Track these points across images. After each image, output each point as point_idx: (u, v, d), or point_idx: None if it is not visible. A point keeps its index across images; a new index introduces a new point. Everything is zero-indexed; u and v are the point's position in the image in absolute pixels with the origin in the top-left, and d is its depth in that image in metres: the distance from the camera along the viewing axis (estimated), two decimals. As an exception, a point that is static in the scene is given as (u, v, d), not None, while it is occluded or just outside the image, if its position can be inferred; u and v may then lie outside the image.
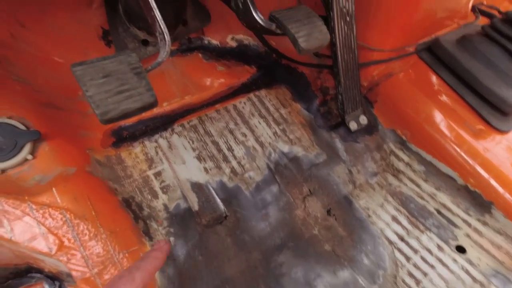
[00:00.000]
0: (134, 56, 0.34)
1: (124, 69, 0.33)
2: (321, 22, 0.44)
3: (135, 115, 0.33)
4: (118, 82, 0.32)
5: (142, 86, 0.33)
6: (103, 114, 0.30)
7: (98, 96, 0.31)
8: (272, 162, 0.59)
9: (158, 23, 0.37)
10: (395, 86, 0.66)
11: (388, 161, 0.64)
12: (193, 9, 0.65)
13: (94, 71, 0.32)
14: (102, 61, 0.33)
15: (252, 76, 0.71)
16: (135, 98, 0.32)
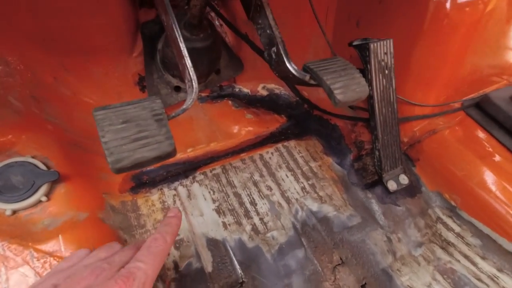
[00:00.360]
0: (159, 103, 0.33)
1: (146, 116, 0.31)
2: (359, 75, 0.41)
3: (150, 165, 0.30)
4: (136, 129, 0.30)
5: (162, 134, 0.30)
6: (115, 162, 0.28)
7: (114, 143, 0.28)
8: (298, 221, 0.53)
9: (188, 70, 0.36)
10: (440, 144, 0.59)
11: (434, 230, 0.55)
12: (227, 59, 0.67)
13: (115, 116, 0.30)
14: (125, 106, 0.31)
15: (282, 126, 0.69)
16: (152, 146, 0.29)
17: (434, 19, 0.54)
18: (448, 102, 0.62)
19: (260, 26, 0.43)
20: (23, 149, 0.45)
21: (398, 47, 0.55)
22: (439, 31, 0.55)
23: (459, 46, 0.57)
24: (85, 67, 0.56)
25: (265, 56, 0.44)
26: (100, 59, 0.57)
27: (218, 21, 0.66)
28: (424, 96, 0.60)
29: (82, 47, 0.54)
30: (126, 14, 0.53)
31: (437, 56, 0.57)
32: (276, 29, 0.41)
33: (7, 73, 0.49)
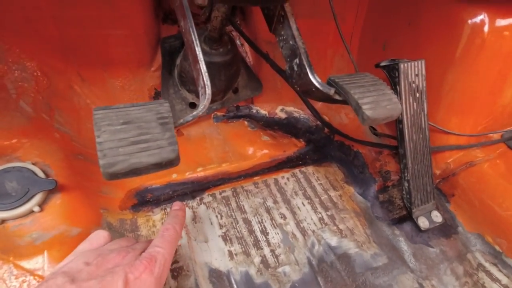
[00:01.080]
0: (167, 106, 0.29)
1: (150, 118, 0.28)
2: (391, 91, 0.37)
3: (149, 173, 0.26)
4: (137, 131, 0.26)
5: (165, 139, 0.26)
6: (108, 166, 0.24)
7: (109, 144, 0.25)
8: (315, 256, 0.46)
9: (202, 75, 0.33)
10: (479, 179, 0.52)
11: (476, 279, 0.47)
12: (246, 78, 0.65)
13: (116, 116, 0.27)
14: (129, 107, 0.28)
15: (300, 150, 0.64)
16: (152, 151, 0.26)
17: (470, 43, 0.50)
18: (486, 132, 0.56)
19: (283, 37, 0.40)
20: (25, 155, 0.42)
21: (430, 72, 0.51)
22: (475, 56, 0.51)
23: (497, 73, 0.53)
24: (101, 78, 0.55)
25: (287, 69, 0.41)
26: (117, 71, 0.56)
27: (239, 40, 0.66)
28: (459, 125, 0.55)
29: (101, 58, 0.53)
30: (148, 27, 0.53)
31: (473, 83, 0.52)
32: (299, 39, 0.38)
33: (23, 78, 0.48)
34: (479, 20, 0.49)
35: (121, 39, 0.51)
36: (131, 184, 0.51)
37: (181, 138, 0.61)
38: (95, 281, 0.26)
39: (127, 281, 0.27)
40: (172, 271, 0.41)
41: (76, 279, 0.27)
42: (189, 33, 0.35)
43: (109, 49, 0.52)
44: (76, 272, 0.27)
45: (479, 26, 0.49)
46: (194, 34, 0.34)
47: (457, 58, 0.51)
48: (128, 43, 0.52)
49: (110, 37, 0.51)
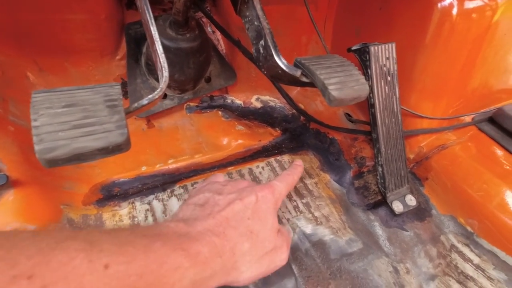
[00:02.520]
0: (117, 88, 0.27)
1: (97, 101, 0.25)
2: (358, 72, 0.36)
3: (95, 159, 0.24)
4: (81, 114, 0.24)
5: (112, 122, 0.24)
6: (45, 152, 0.22)
7: (47, 128, 0.23)
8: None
9: (159, 56, 0.31)
10: (451, 162, 0.53)
11: (449, 260, 0.47)
12: (218, 67, 0.62)
13: (58, 99, 0.25)
14: (73, 90, 0.26)
15: (275, 139, 0.63)
16: (98, 135, 0.23)
17: (440, 26, 0.50)
18: (457, 115, 0.56)
19: (248, 19, 0.39)
20: (-27, 150, 0.39)
21: (402, 56, 0.51)
22: (445, 39, 0.51)
23: (467, 56, 0.53)
24: (62, 68, 0.52)
25: (254, 52, 0.40)
26: (79, 60, 0.53)
27: (211, 27, 0.63)
28: (431, 109, 0.55)
29: (60, 45, 0.50)
30: (109, 12, 0.50)
31: (444, 66, 0.53)
32: (264, 19, 0.36)
33: (-29, 68, 0.44)
34: (448, 3, 0.49)
35: (81, 24, 0.48)
36: (97, 178, 0.48)
37: (152, 130, 0.59)
38: (235, 194, 0.35)
39: (257, 196, 0.35)
40: (139, 266, 0.39)
41: (220, 193, 0.35)
42: (144, 12, 0.32)
43: (69, 35, 0.49)
44: (218, 189, 0.36)
45: (448, 9, 0.49)
46: (148, 12, 0.32)
47: (427, 41, 0.51)
48: (88, 29, 0.49)
49: (69, 22, 0.48)
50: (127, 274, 0.20)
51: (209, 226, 0.30)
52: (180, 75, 0.52)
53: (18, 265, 0.15)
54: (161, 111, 0.59)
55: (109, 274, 0.19)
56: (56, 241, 0.18)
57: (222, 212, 0.32)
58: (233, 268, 0.30)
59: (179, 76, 0.52)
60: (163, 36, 0.48)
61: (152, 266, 0.22)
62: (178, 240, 0.26)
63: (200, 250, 0.27)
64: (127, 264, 0.20)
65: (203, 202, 0.34)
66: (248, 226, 0.32)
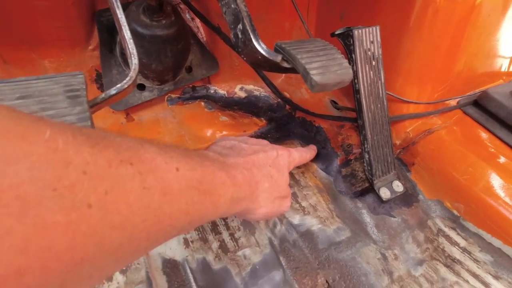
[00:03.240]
0: (80, 78, 0.25)
1: (56, 91, 0.23)
2: (341, 56, 0.34)
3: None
4: (37, 106, 0.22)
5: (73, 114, 0.22)
6: None
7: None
8: (276, 236, 0.44)
9: (127, 42, 0.29)
10: (437, 146, 0.52)
11: (436, 245, 0.47)
12: (199, 56, 0.60)
13: (12, 90, 0.22)
14: (30, 80, 0.24)
15: (261, 129, 0.61)
16: (56, 129, 0.21)
17: (424, 8, 0.49)
18: (442, 99, 0.56)
19: (225, 1, 0.37)
20: None
21: (386, 40, 0.49)
22: (429, 22, 0.50)
23: (451, 40, 0.52)
24: (29, 60, 0.48)
25: (232, 38, 0.37)
26: (48, 51, 0.49)
27: (189, 14, 0.60)
28: (417, 93, 0.54)
29: (26, 35, 0.46)
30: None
31: (428, 49, 0.52)
32: (241, 1, 0.34)
33: None
34: (432, -15, 0.48)
35: (47, 12, 0.45)
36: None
37: (131, 123, 0.56)
38: (259, 146, 0.39)
39: (277, 152, 0.39)
40: (120, 266, 0.38)
41: (246, 142, 0.39)
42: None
43: (34, 24, 0.46)
44: (243, 140, 0.40)
45: (432, -9, 0.48)
46: (114, -5, 0.29)
47: (412, 24, 0.50)
48: (55, 16, 0.46)
49: (33, 8, 0.44)
50: (191, 178, 0.24)
51: (239, 161, 0.34)
52: (158, 65, 0.50)
53: (122, 153, 0.18)
54: (141, 104, 0.56)
55: (180, 175, 0.23)
56: (138, 142, 0.21)
57: (249, 155, 0.36)
58: (255, 199, 0.34)
59: (157, 66, 0.50)
60: (137, 23, 0.45)
61: (207, 177, 0.26)
62: (220, 164, 0.31)
63: (235, 174, 0.31)
64: (191, 171, 0.24)
65: (230, 145, 0.38)
66: (269, 171, 0.37)
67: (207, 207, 0.26)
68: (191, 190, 0.23)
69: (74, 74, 0.25)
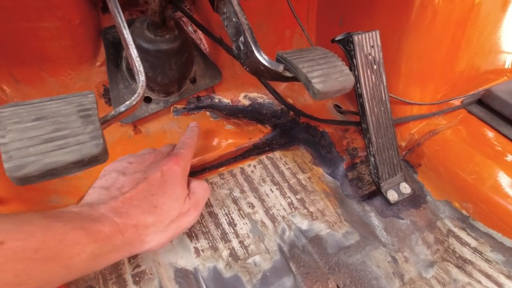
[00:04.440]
0: (91, 97, 0.26)
1: (69, 111, 0.24)
2: (342, 63, 0.35)
3: (70, 173, 0.23)
4: (52, 127, 0.23)
5: (86, 133, 0.23)
6: (15, 169, 0.20)
7: (16, 145, 0.21)
8: (285, 243, 0.45)
9: (134, 60, 0.30)
10: (443, 146, 0.52)
11: (447, 246, 0.47)
12: (203, 67, 0.61)
13: (27, 112, 0.23)
14: (44, 102, 0.25)
15: (266, 136, 0.62)
16: (71, 148, 0.22)
17: (422, 9, 0.49)
18: (446, 99, 0.56)
19: (226, 15, 0.38)
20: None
21: (386, 43, 0.50)
22: (428, 23, 0.50)
23: (451, 39, 0.52)
24: (39, 78, 0.50)
25: (234, 50, 0.38)
26: (57, 69, 0.51)
27: (191, 26, 0.62)
28: (420, 94, 0.55)
29: (35, 55, 0.48)
30: (83, 17, 0.48)
31: (429, 51, 0.52)
32: (242, 15, 0.35)
33: None
34: (430, -14, 0.49)
35: (54, 32, 0.47)
36: (84, 190, 0.47)
37: (139, 135, 0.58)
38: (140, 173, 0.37)
39: (162, 171, 0.36)
40: (133, 276, 0.38)
41: (125, 173, 0.37)
42: (115, 15, 0.31)
43: (43, 44, 0.47)
44: (124, 169, 0.38)
45: (430, -8, 0.48)
46: (120, 15, 0.31)
47: (411, 26, 0.51)
48: (62, 36, 0.47)
49: (41, 31, 0.46)
50: (22, 249, 0.23)
51: (112, 208, 0.32)
52: (163, 78, 0.51)
53: None
54: (147, 116, 0.58)
55: (4, 249, 0.22)
56: None
57: (126, 194, 0.33)
58: (138, 241, 0.32)
59: (162, 79, 0.51)
60: (142, 38, 0.47)
61: (49, 242, 0.25)
62: (80, 221, 0.28)
63: (100, 229, 0.29)
64: (23, 240, 0.23)
65: (108, 184, 0.35)
66: (152, 202, 0.34)
67: (54, 272, 0.25)
68: (21, 261, 0.23)
69: (85, 94, 0.27)
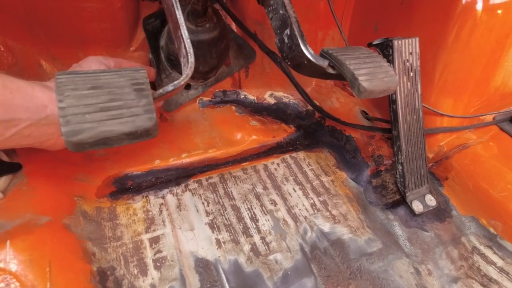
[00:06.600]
0: (143, 72, 0.26)
1: (123, 84, 0.24)
2: (387, 63, 0.34)
3: (121, 144, 0.23)
4: (108, 97, 0.23)
5: (140, 106, 0.23)
6: (71, 134, 0.20)
7: (74, 110, 0.21)
8: (307, 243, 0.44)
9: (184, 42, 0.30)
10: (473, 161, 0.51)
11: (471, 263, 0.46)
12: (235, 48, 0.61)
13: (82, 81, 0.23)
14: (98, 73, 0.25)
15: (290, 136, 0.62)
16: (125, 119, 0.22)
17: (463, 22, 0.49)
18: (478, 114, 0.55)
19: (272, 7, 0.38)
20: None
21: (423, 52, 0.49)
22: (468, 36, 0.49)
23: (490, 54, 0.51)
24: (75, 57, 0.50)
25: (277, 42, 0.38)
26: (93, 50, 0.51)
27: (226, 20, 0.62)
28: (452, 107, 0.54)
29: (74, 34, 0.49)
30: (124, 1, 0.49)
31: (466, 62, 0.51)
32: (290, 7, 0.35)
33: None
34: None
35: (96, 13, 0.47)
36: (110, 171, 0.47)
37: (164, 123, 0.58)
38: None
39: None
40: (154, 261, 0.38)
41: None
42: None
43: (83, 24, 0.48)
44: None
45: (472, 4, 0.48)
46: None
47: (450, 37, 0.50)
48: (104, 18, 0.48)
49: (84, 11, 0.46)
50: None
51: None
52: (204, 67, 0.52)
53: None
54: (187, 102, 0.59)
55: None
56: None
57: None
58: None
59: (203, 67, 0.52)
60: (182, 27, 0.47)
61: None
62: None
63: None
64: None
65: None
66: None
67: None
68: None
69: (137, 69, 0.27)
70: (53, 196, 0.37)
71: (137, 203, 0.44)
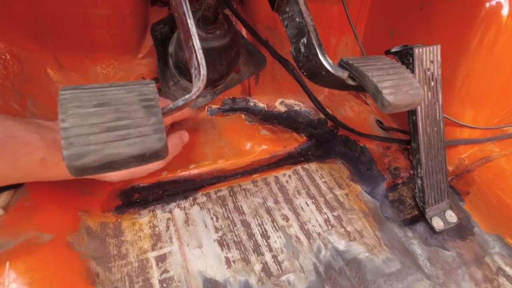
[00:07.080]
0: (152, 87, 0.24)
1: (132, 100, 0.22)
2: (411, 74, 0.32)
3: (129, 167, 0.21)
4: (114, 115, 0.21)
5: (149, 125, 0.21)
6: (74, 158, 0.19)
7: (77, 131, 0.19)
8: (321, 262, 0.41)
9: (196, 53, 0.28)
10: (496, 175, 0.48)
11: (496, 285, 0.43)
12: (246, 54, 0.59)
13: (88, 97, 0.22)
14: (105, 87, 0.23)
15: (301, 146, 0.59)
16: (133, 140, 0.20)
17: (486, 28, 0.46)
18: (502, 125, 0.52)
19: (288, 15, 0.36)
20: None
21: (444, 60, 0.47)
22: (492, 43, 0.47)
23: (515, 62, 0.49)
24: (82, 65, 0.49)
25: (292, 51, 0.36)
26: (100, 57, 0.50)
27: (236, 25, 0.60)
28: (474, 117, 0.51)
29: (82, 41, 0.47)
30: (134, 7, 0.47)
31: (490, 72, 0.48)
32: (308, 15, 0.33)
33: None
34: (496, 3, 0.46)
35: (104, 19, 0.46)
36: (115, 183, 0.45)
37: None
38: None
39: None
40: (161, 282, 0.36)
41: None
42: (179, 4, 0.29)
43: (91, 31, 0.46)
44: None
45: (497, 9, 0.45)
46: (185, 4, 0.29)
47: (472, 45, 0.47)
48: (112, 24, 0.46)
49: (92, 17, 0.45)
50: None
51: None
52: (214, 74, 0.50)
53: None
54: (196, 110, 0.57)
55: None
56: None
57: None
58: None
59: (213, 75, 0.50)
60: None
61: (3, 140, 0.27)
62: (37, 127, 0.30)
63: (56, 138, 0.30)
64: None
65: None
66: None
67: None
68: None
69: (146, 82, 0.25)
70: (57, 212, 0.36)
71: (143, 217, 0.42)
